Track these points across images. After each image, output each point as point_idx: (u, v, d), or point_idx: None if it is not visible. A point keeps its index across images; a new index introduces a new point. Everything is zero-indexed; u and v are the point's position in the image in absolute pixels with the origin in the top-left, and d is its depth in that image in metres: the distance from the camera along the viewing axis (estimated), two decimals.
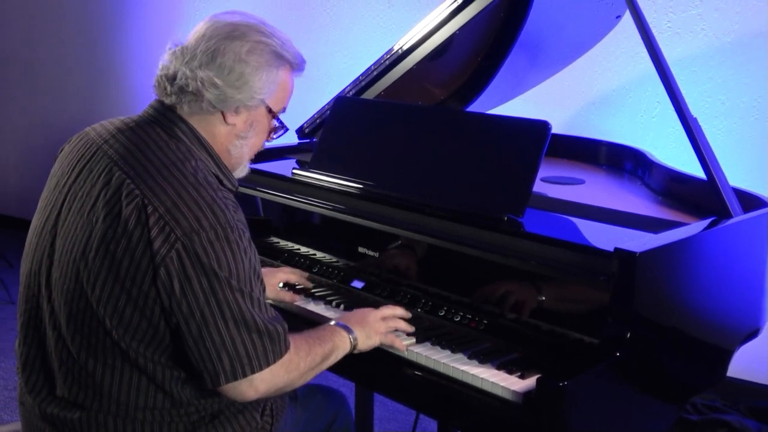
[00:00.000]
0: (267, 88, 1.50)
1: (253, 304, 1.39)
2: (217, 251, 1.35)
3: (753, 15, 3.05)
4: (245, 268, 1.38)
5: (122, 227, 1.36)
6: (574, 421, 1.39)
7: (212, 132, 1.51)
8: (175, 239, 1.33)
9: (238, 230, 1.39)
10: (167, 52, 1.50)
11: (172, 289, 1.34)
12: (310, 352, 1.49)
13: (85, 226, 1.41)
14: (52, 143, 5.40)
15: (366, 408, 2.58)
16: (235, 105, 1.48)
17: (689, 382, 1.72)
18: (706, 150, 1.78)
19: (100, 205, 1.40)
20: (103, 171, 1.44)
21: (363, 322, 1.61)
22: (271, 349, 1.39)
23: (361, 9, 3.99)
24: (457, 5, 2.06)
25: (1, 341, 3.85)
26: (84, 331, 1.42)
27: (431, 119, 1.91)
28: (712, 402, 3.14)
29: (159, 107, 1.51)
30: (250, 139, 1.55)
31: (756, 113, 3.09)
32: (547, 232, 1.64)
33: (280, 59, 1.51)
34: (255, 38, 1.48)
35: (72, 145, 1.58)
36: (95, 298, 1.39)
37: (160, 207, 1.35)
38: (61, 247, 1.45)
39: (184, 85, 1.45)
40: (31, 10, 5.35)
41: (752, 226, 1.83)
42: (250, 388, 1.39)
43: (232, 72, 1.45)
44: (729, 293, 1.79)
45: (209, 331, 1.35)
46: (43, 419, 1.50)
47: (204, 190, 1.39)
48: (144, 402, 1.44)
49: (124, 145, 1.46)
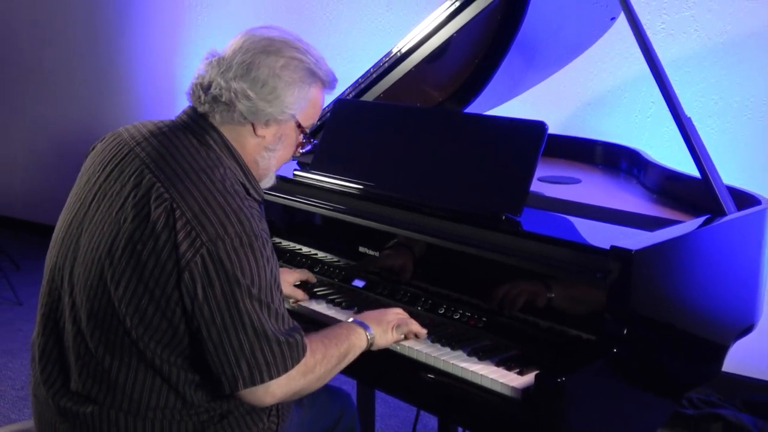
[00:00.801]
0: (298, 104, 1.51)
1: (271, 314, 1.39)
2: (240, 258, 1.35)
3: (745, 16, 3.05)
4: (267, 278, 1.39)
5: (150, 229, 1.36)
6: (572, 416, 1.39)
7: (242, 142, 1.51)
8: (200, 244, 1.33)
9: (262, 239, 1.40)
10: (203, 62, 1.51)
11: (195, 293, 1.34)
12: (326, 354, 1.49)
13: (112, 225, 1.41)
14: (58, 146, 5.42)
15: (367, 405, 2.58)
16: (265, 118, 1.49)
17: (685, 377, 1.72)
18: (700, 149, 1.78)
19: (129, 206, 1.40)
20: (134, 172, 1.44)
21: (379, 319, 1.61)
22: (289, 355, 1.39)
23: (360, 12, 3.99)
24: (455, 8, 2.06)
25: (10, 342, 3.85)
26: (104, 328, 1.42)
27: (430, 121, 1.91)
28: (707, 396, 3.14)
29: (192, 114, 1.51)
30: (278, 152, 1.56)
31: (749, 112, 3.09)
32: (544, 231, 1.64)
33: (313, 76, 1.52)
34: (290, 54, 1.49)
35: (105, 144, 1.57)
36: (118, 297, 1.39)
37: (188, 212, 1.36)
38: (87, 243, 1.45)
39: (217, 95, 1.46)
40: (39, 17, 5.36)
41: (746, 223, 1.83)
42: (266, 394, 1.40)
43: (266, 86, 1.46)
44: (724, 290, 1.79)
45: (228, 337, 1.35)
46: (55, 412, 1.50)
47: (231, 198, 1.40)
48: (156, 401, 1.44)
49: (156, 149, 1.46)
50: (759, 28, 3.03)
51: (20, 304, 4.32)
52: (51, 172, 5.45)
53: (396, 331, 1.61)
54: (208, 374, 1.43)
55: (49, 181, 5.42)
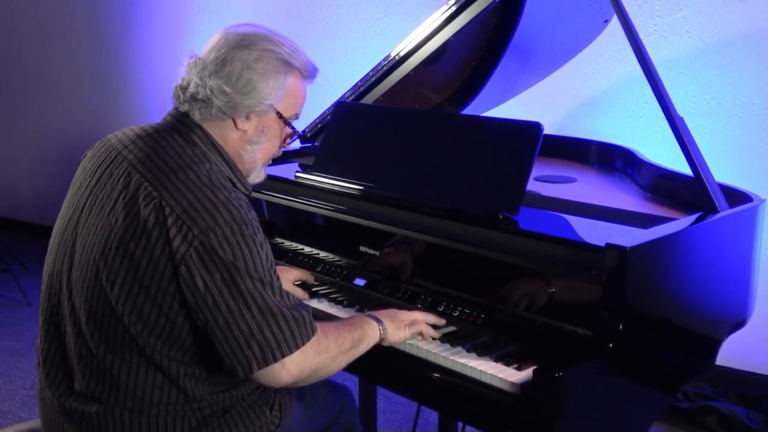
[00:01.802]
0: (275, 94, 1.51)
1: (275, 292, 1.39)
2: (233, 246, 1.35)
3: (736, 18, 3.05)
4: (262, 260, 1.39)
5: (141, 227, 1.37)
6: (569, 410, 1.39)
7: (225, 138, 1.52)
8: (192, 237, 1.34)
9: (253, 227, 1.40)
10: (185, 64, 1.52)
11: (196, 286, 1.34)
12: (339, 336, 1.48)
13: (105, 227, 1.42)
14: (64, 151, 5.42)
15: (369, 400, 2.59)
16: (245, 111, 1.49)
17: (680, 371, 1.72)
18: (692, 148, 1.78)
19: (119, 207, 1.41)
20: (123, 174, 1.45)
21: (392, 316, 1.61)
22: (299, 332, 1.39)
23: (359, 17, 3.99)
24: (451, 12, 2.06)
25: (19, 342, 3.86)
26: (103, 328, 1.42)
27: (428, 122, 1.91)
28: (701, 390, 3.14)
29: (176, 114, 1.53)
30: (262, 145, 1.56)
31: (740, 112, 3.09)
32: (541, 229, 1.64)
33: (288, 66, 1.52)
34: (263, 46, 1.49)
35: (94, 151, 1.59)
36: (114, 296, 1.39)
37: (177, 207, 1.36)
38: (82, 247, 1.46)
39: (194, 93, 1.47)
40: (43, 24, 5.36)
41: (738, 220, 1.83)
42: (283, 371, 1.38)
43: (240, 79, 1.46)
44: (716, 285, 1.79)
45: (236, 322, 1.35)
46: (61, 413, 1.51)
47: (218, 191, 1.40)
48: (159, 397, 1.44)
49: (143, 150, 1.47)
50: (749, 30, 3.03)
51: (29, 305, 4.32)
52: (56, 176, 5.45)
53: (409, 329, 1.60)
54: (211, 366, 1.43)
55: (55, 185, 5.42)
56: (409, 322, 1.61)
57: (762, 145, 3.07)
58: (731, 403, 3.07)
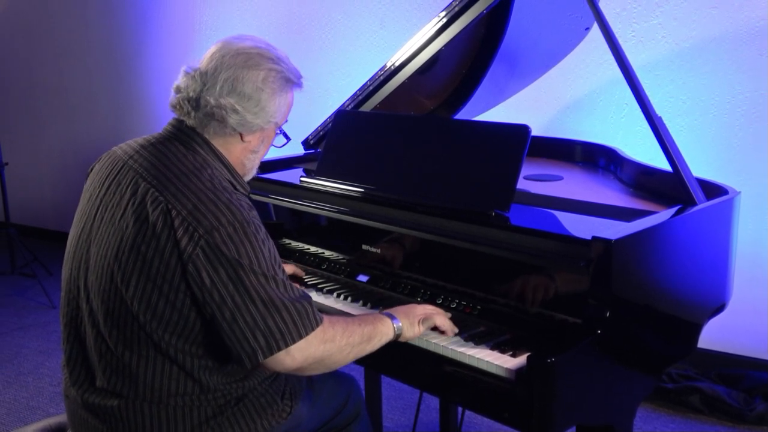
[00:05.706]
0: (279, 111, 1.54)
1: (278, 285, 1.39)
2: (236, 243, 1.35)
3: (708, 23, 3.05)
4: (265, 256, 1.39)
5: (151, 230, 1.37)
6: (562, 392, 1.39)
7: (228, 148, 1.53)
8: (198, 237, 1.34)
9: (254, 225, 1.40)
10: (183, 75, 1.52)
11: (202, 282, 1.34)
12: (347, 329, 1.47)
13: (116, 233, 1.42)
14: (83, 162, 5.42)
15: (374, 388, 2.59)
16: (254, 128, 1.52)
17: (664, 354, 1.72)
18: (670, 145, 1.78)
19: (129, 213, 1.41)
20: (130, 183, 1.45)
21: (407, 312, 1.59)
22: (302, 323, 1.38)
23: (356, 31, 3.99)
24: (443, 24, 2.06)
25: (46, 342, 3.85)
26: (120, 327, 1.42)
27: (423, 127, 1.91)
28: (685, 371, 3.14)
29: (177, 125, 1.53)
30: (261, 152, 1.60)
31: (714, 110, 3.09)
32: (531, 225, 1.64)
33: (289, 83, 1.54)
34: (267, 66, 1.50)
35: (101, 163, 1.59)
36: (129, 296, 1.39)
37: (182, 210, 1.37)
38: (96, 252, 1.46)
39: (210, 113, 1.48)
40: (61, 43, 5.36)
41: (715, 212, 1.83)
42: (287, 357, 1.38)
43: (251, 99, 1.48)
44: (697, 273, 1.79)
45: (242, 314, 1.35)
46: (85, 409, 1.51)
47: (220, 193, 1.41)
48: (175, 389, 1.44)
49: (147, 159, 1.47)
50: (720, 33, 3.03)
51: (54, 307, 4.32)
52: (78, 186, 5.42)
53: (423, 324, 1.59)
54: (222, 358, 1.43)
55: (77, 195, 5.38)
56: (423, 317, 1.59)
57: (735, 141, 3.07)
58: (713, 382, 3.07)
